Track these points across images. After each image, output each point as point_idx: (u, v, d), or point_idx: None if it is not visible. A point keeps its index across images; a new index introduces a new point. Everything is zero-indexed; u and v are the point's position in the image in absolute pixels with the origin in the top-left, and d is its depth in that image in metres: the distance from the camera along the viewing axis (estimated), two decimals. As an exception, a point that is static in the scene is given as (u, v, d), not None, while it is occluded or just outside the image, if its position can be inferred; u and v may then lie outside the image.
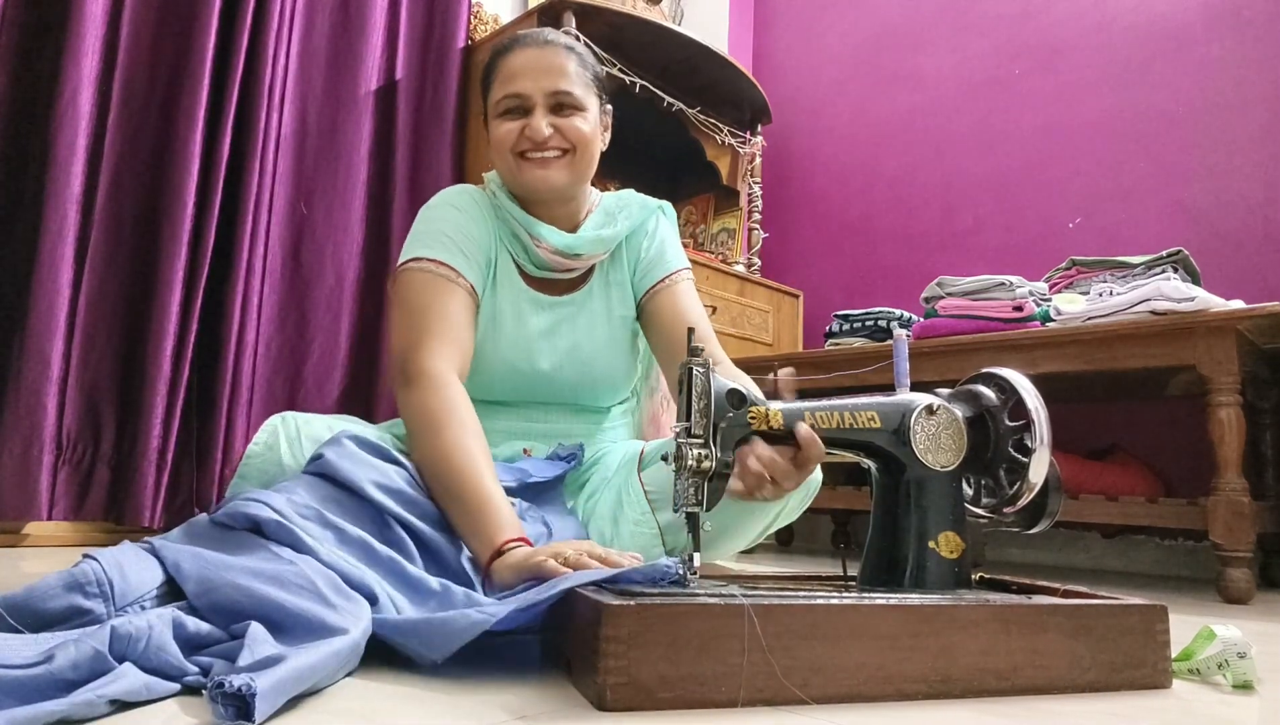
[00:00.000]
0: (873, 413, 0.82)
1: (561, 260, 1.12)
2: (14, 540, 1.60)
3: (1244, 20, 2.20)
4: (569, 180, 1.11)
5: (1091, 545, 2.32)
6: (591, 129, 1.11)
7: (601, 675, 0.58)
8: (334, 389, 2.03)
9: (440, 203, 1.13)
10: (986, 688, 0.69)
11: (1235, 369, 1.58)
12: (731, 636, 0.62)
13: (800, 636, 0.64)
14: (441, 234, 1.08)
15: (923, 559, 0.81)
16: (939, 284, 2.14)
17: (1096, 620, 0.74)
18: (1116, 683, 0.74)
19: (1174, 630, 1.08)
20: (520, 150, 1.09)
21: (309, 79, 2.06)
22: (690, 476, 0.74)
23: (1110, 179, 2.36)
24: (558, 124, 1.08)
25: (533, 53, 1.09)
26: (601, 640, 0.59)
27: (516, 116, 1.09)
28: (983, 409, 0.86)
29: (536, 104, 1.08)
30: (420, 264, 1.05)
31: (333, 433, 0.97)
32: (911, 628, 0.68)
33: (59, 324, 1.58)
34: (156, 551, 0.71)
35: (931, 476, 0.82)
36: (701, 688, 0.61)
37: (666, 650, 0.60)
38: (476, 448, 0.91)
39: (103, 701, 0.52)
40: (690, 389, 0.76)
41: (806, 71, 3.13)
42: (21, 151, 1.63)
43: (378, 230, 2.16)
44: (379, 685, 0.65)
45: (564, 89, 1.08)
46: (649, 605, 0.60)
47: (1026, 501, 0.83)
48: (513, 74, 1.08)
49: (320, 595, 0.66)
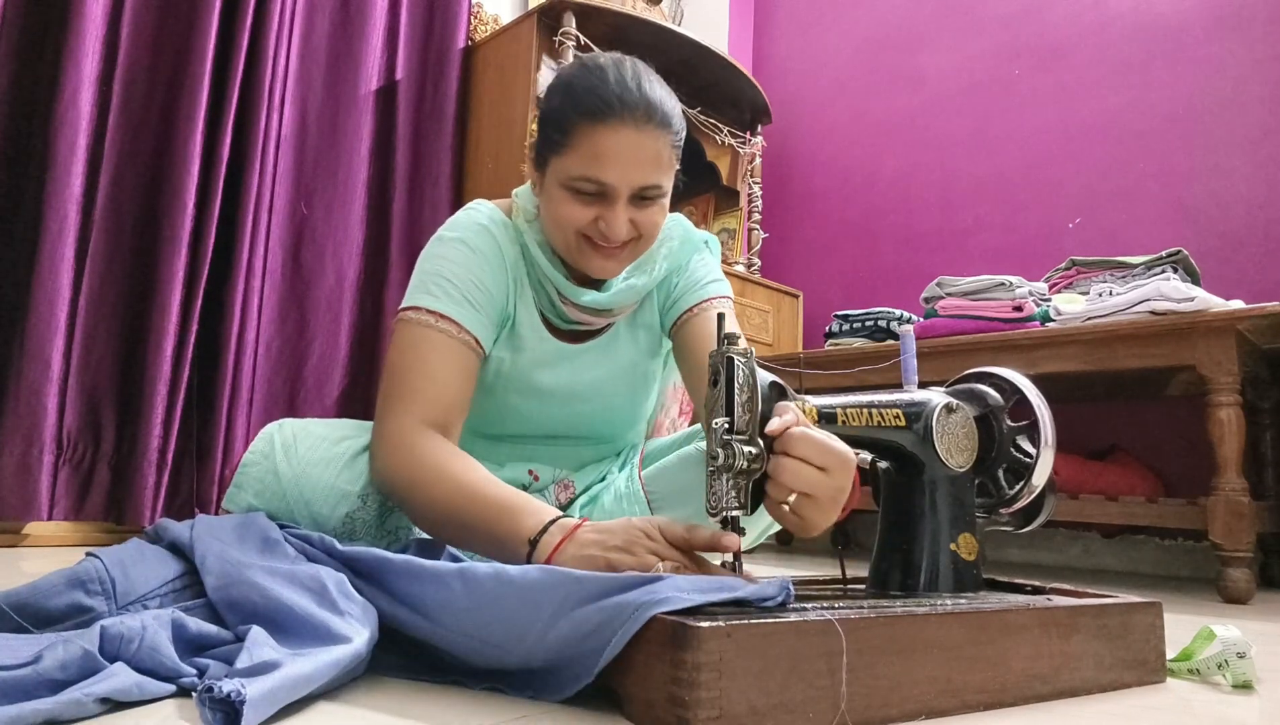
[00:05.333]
0: (898, 411, 0.79)
1: (589, 317, 1.05)
2: (14, 540, 1.60)
3: (1244, 20, 2.20)
4: (628, 265, 1.02)
5: (1091, 545, 2.32)
6: (664, 212, 1.00)
7: (691, 709, 0.50)
8: (334, 389, 2.04)
9: (454, 239, 1.01)
10: (1034, 693, 0.67)
11: (1235, 369, 1.58)
12: (820, 657, 0.56)
13: (882, 652, 0.59)
14: (445, 280, 0.97)
15: (943, 562, 0.78)
16: (939, 284, 2.14)
17: (1113, 619, 0.74)
18: (1128, 680, 0.74)
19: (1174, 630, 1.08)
20: (588, 235, 0.96)
21: (309, 79, 2.06)
22: (734, 477, 0.67)
23: (1110, 179, 2.36)
24: (635, 218, 0.95)
25: (629, 136, 0.91)
26: (689, 668, 0.51)
27: (591, 201, 0.94)
28: (987, 409, 0.84)
29: (620, 196, 0.93)
30: (418, 315, 0.95)
31: (329, 441, 0.96)
32: (973, 635, 0.64)
33: (59, 324, 1.58)
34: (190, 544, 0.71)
35: (950, 477, 0.80)
36: (791, 716, 0.54)
37: (757, 677, 0.53)
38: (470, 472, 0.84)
39: (91, 700, 0.51)
40: (731, 380, 0.68)
41: (806, 71, 3.13)
42: (22, 152, 1.63)
43: (378, 230, 2.17)
44: (380, 686, 0.65)
45: (654, 182, 0.94)
46: (741, 625, 0.53)
47: (1026, 503, 0.82)
48: (599, 156, 0.91)
49: (329, 599, 0.65)
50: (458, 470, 0.84)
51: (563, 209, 0.95)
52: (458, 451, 0.88)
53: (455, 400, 0.93)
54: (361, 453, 0.96)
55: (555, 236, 0.99)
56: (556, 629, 0.57)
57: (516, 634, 0.59)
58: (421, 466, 0.85)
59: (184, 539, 0.72)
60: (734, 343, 0.69)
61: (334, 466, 0.94)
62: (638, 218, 0.95)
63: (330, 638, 0.61)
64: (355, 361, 2.09)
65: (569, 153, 0.93)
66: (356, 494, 0.93)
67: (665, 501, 1.03)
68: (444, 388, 0.92)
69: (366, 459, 0.95)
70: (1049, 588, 0.83)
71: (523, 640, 0.59)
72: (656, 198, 0.96)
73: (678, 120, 0.96)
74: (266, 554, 0.72)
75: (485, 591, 0.61)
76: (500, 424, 1.10)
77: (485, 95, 2.31)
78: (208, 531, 0.74)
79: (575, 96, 0.92)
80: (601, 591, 0.57)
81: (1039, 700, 0.68)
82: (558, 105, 0.94)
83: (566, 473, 1.13)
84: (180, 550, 0.73)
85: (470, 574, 0.63)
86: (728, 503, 0.67)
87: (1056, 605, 0.72)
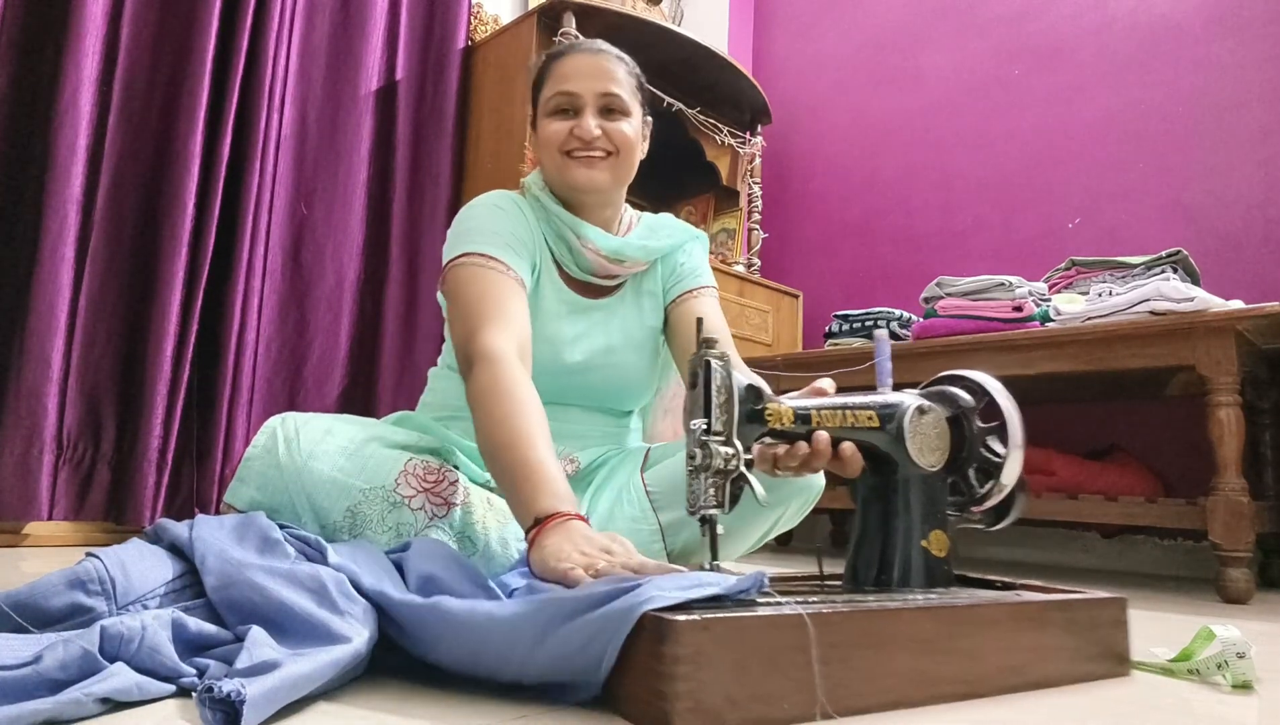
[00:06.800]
0: (871, 412, 0.82)
1: (606, 263, 1.15)
2: (14, 540, 1.60)
3: (1244, 20, 2.20)
4: (611, 181, 1.15)
5: (1091, 545, 2.32)
6: (634, 134, 1.15)
7: (670, 701, 0.53)
8: (334, 389, 2.04)
9: (481, 204, 1.14)
10: (1007, 685, 0.70)
11: (1235, 369, 1.58)
12: (795, 649, 0.58)
13: (855, 645, 0.62)
14: (488, 231, 1.08)
15: (915, 558, 0.81)
16: (938, 284, 2.14)
17: (1082, 613, 0.77)
18: (1097, 673, 0.77)
19: (1174, 630, 1.08)
20: (568, 149, 1.12)
21: (309, 79, 2.06)
22: (712, 477, 0.70)
23: (1110, 179, 2.36)
24: (605, 126, 1.12)
25: (586, 58, 1.13)
26: (668, 661, 0.53)
27: (566, 116, 1.12)
28: (958, 410, 0.86)
29: (586, 104, 1.12)
30: (470, 259, 1.05)
31: (332, 433, 0.97)
32: (947, 629, 0.67)
33: (59, 324, 1.58)
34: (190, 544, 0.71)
35: (922, 476, 0.82)
36: (766, 707, 0.56)
37: (733, 669, 0.55)
38: (532, 424, 0.87)
39: (91, 700, 0.51)
40: (709, 384, 0.71)
41: (806, 71, 3.13)
42: (22, 152, 1.63)
43: (378, 230, 2.17)
44: (380, 686, 0.65)
45: (614, 91, 1.12)
46: (717, 619, 0.55)
47: (996, 501, 0.84)
48: (565, 75, 1.12)
49: (329, 599, 0.65)
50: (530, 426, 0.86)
51: (545, 131, 1.13)
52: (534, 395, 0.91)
53: (526, 332, 1.01)
54: (364, 447, 0.96)
55: (547, 165, 1.15)
56: (544, 648, 0.58)
57: (500, 659, 0.60)
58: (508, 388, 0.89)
59: (183, 539, 0.72)
60: (711, 347, 0.72)
61: (336, 460, 0.94)
62: (607, 127, 1.12)
63: (330, 637, 0.61)
64: (355, 361, 2.09)
65: (545, 85, 1.15)
66: (359, 487, 0.93)
67: (666, 500, 1.04)
68: (516, 317, 1.00)
69: (369, 451, 0.95)
70: (1018, 583, 0.86)
71: (508, 663, 0.60)
72: (620, 110, 1.13)
73: (633, 65, 1.17)
74: (266, 554, 0.72)
75: (459, 623, 0.62)
76: None
77: (485, 95, 2.31)
78: (207, 532, 0.74)
79: (547, 55, 1.18)
80: (586, 606, 0.58)
81: (1013, 691, 0.70)
82: (536, 67, 1.19)
83: (572, 449, 1.14)
84: (180, 550, 0.73)
85: (444, 609, 0.63)
86: (705, 502, 0.70)
87: (1027, 600, 0.74)
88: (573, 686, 0.59)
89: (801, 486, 1.05)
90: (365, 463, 0.94)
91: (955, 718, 0.62)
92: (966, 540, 2.51)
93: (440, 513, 0.94)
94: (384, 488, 0.93)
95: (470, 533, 0.95)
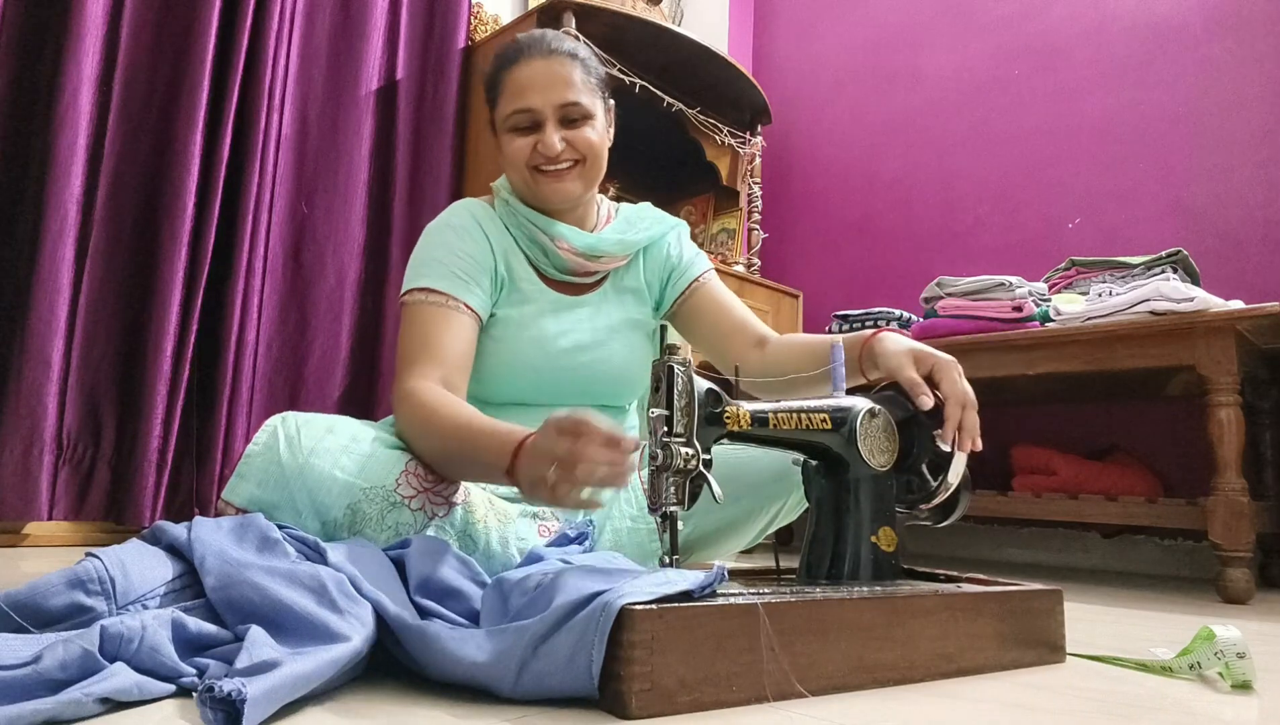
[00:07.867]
0: (824, 415, 0.86)
1: (583, 261, 1.14)
2: (14, 540, 1.60)
3: (1244, 20, 2.20)
4: (582, 189, 1.14)
5: (1091, 545, 2.32)
6: (600, 136, 1.13)
7: (626, 683, 0.57)
8: (334, 389, 2.04)
9: (437, 226, 1.14)
10: (940, 671, 0.75)
11: (1234, 369, 1.58)
12: (743, 635, 0.63)
13: (800, 632, 0.66)
14: (435, 261, 1.09)
15: (865, 553, 0.86)
16: (938, 284, 2.14)
17: (1017, 604, 0.83)
18: (1028, 660, 0.83)
19: (1174, 630, 1.09)
20: (534, 165, 1.10)
21: (309, 79, 2.06)
22: (673, 476, 0.74)
23: (1110, 179, 2.36)
24: (568, 137, 1.10)
25: (539, 65, 1.09)
26: (625, 646, 0.58)
27: (528, 132, 1.10)
28: (909, 413, 0.92)
29: (547, 118, 1.09)
30: (413, 296, 1.08)
31: (333, 432, 0.97)
32: (886, 618, 0.72)
33: (59, 324, 1.58)
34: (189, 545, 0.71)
35: (872, 476, 0.87)
36: (716, 689, 0.61)
37: (685, 654, 0.60)
38: (458, 408, 0.93)
39: (91, 700, 0.51)
40: (671, 388, 0.75)
41: (806, 72, 3.13)
42: (22, 151, 1.63)
43: (378, 230, 2.17)
44: (380, 686, 0.65)
45: (572, 100, 1.09)
46: (671, 608, 0.60)
47: (941, 500, 0.90)
48: (520, 89, 1.09)
49: (328, 598, 0.65)
50: (449, 411, 0.93)
51: (509, 149, 1.11)
52: (451, 396, 0.97)
53: (455, 359, 1.04)
54: (365, 446, 0.96)
55: (515, 181, 1.13)
56: (530, 672, 0.60)
57: (494, 679, 0.61)
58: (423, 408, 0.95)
59: (182, 540, 0.72)
60: (674, 353, 0.76)
61: (338, 458, 0.94)
62: (570, 137, 1.10)
63: (330, 637, 0.61)
64: (356, 361, 2.09)
65: (501, 100, 1.12)
66: (359, 486, 0.93)
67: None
68: (443, 350, 1.03)
69: (369, 451, 0.96)
70: (964, 577, 0.91)
71: (501, 682, 0.61)
72: (582, 117, 1.10)
73: (588, 57, 1.13)
74: (265, 554, 0.72)
75: (446, 651, 0.63)
76: (510, 385, 1.13)
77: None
78: (206, 532, 0.74)
79: (496, 59, 1.13)
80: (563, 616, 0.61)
81: (945, 677, 0.75)
82: (488, 72, 1.15)
83: None
84: (179, 551, 0.73)
85: (431, 638, 0.64)
86: (666, 499, 0.74)
87: (963, 591, 0.80)
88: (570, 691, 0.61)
89: (797, 481, 1.05)
90: (366, 462, 0.94)
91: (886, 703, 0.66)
92: (967, 541, 2.52)
93: (441, 512, 0.94)
94: (384, 488, 0.93)
95: (471, 532, 0.95)
